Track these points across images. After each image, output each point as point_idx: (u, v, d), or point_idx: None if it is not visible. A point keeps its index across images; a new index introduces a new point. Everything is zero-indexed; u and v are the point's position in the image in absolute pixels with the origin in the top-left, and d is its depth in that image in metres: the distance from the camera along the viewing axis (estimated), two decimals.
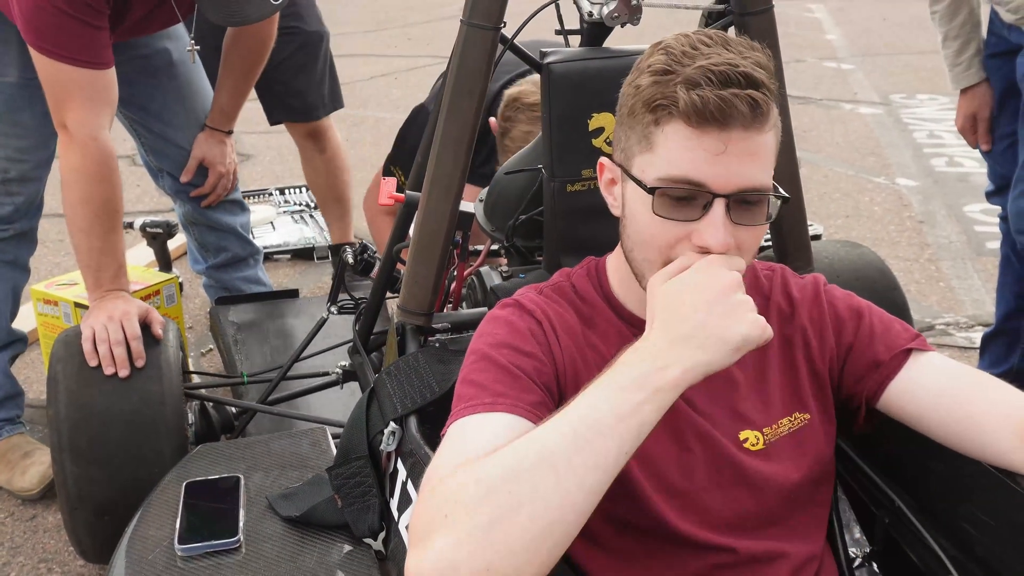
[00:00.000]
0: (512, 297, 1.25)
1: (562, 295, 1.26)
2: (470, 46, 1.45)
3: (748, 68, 1.08)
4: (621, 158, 1.19)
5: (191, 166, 2.72)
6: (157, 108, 2.63)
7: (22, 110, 2.31)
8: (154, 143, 2.71)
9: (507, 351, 1.16)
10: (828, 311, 1.30)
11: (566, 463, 0.95)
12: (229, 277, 3.05)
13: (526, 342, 1.18)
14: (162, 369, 2.01)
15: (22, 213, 2.40)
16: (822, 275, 1.36)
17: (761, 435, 1.23)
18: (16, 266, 2.46)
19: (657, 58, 1.12)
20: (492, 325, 1.22)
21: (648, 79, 1.12)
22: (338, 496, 1.48)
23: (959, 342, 3.20)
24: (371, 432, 1.47)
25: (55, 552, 2.26)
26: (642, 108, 1.12)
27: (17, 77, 2.28)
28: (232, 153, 2.79)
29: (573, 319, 1.23)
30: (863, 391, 1.27)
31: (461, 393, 1.14)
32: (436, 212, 1.52)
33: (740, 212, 1.11)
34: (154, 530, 1.50)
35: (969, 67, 2.52)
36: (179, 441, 1.96)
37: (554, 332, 1.20)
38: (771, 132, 1.12)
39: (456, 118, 1.48)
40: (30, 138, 2.35)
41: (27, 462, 2.44)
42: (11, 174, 2.34)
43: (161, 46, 2.57)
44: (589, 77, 1.53)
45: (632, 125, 1.14)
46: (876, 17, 8.82)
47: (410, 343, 1.58)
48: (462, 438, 1.08)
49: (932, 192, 4.64)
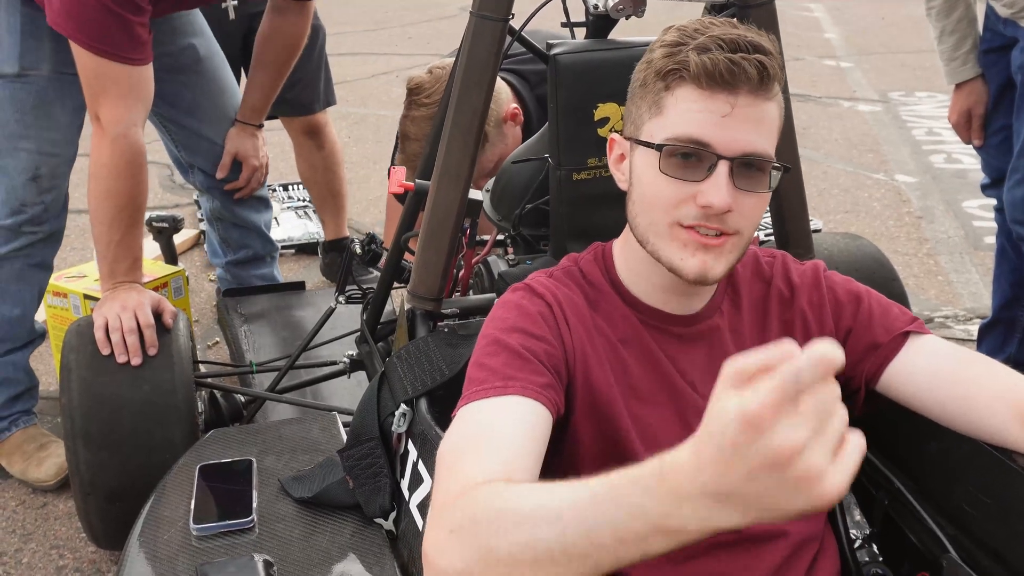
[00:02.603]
0: (523, 281, 1.29)
1: (571, 278, 1.30)
2: (479, 37, 1.48)
3: (756, 38, 1.14)
4: (631, 131, 1.23)
5: (226, 161, 2.74)
6: (187, 105, 2.66)
7: (53, 103, 2.33)
8: (186, 139, 2.74)
9: (518, 335, 1.19)
10: (828, 295, 1.33)
11: (563, 556, 0.85)
12: (246, 274, 3.09)
13: (536, 325, 1.21)
14: (173, 358, 2.04)
15: (52, 213, 2.41)
16: (822, 261, 1.39)
17: None
18: (43, 267, 2.49)
19: (669, 36, 1.18)
20: (503, 310, 1.25)
21: (660, 52, 1.17)
22: (349, 477, 1.51)
23: (957, 334, 3.23)
24: (382, 414, 1.51)
25: (67, 539, 2.29)
26: (654, 77, 1.17)
27: (49, 71, 2.30)
28: (264, 146, 2.82)
29: (581, 302, 1.26)
30: (862, 373, 1.30)
31: (473, 376, 1.17)
32: (446, 200, 1.56)
33: (743, 177, 1.15)
34: (169, 511, 1.53)
35: (965, 62, 2.55)
36: (190, 429, 1.99)
37: (563, 315, 1.23)
38: (775, 102, 1.17)
39: (465, 108, 1.51)
40: (60, 132, 2.36)
41: (43, 454, 2.47)
42: (42, 171, 2.35)
43: (187, 43, 2.60)
44: (594, 68, 1.56)
45: (643, 95, 1.19)
46: (874, 16, 8.85)
47: (420, 328, 1.62)
48: (475, 421, 1.10)
49: (930, 188, 4.67)
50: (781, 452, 0.70)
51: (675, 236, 1.18)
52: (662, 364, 1.26)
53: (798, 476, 0.70)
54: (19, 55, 2.27)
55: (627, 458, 0.98)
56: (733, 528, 0.78)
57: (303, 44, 2.72)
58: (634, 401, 1.23)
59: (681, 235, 1.17)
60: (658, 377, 1.25)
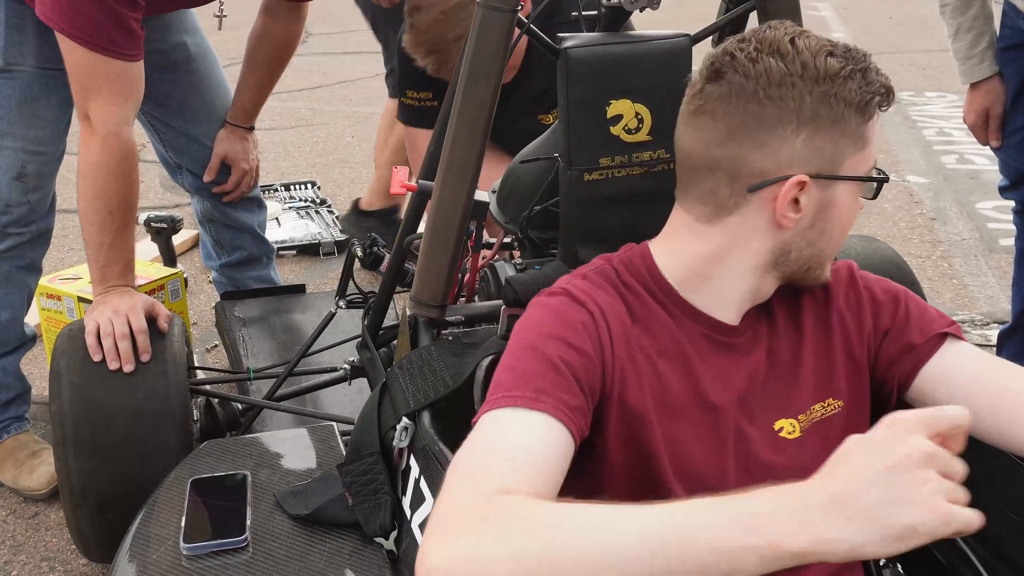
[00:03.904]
0: (559, 286, 1.19)
1: (607, 280, 1.20)
2: (487, 28, 1.40)
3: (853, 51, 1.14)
4: (826, 167, 1.13)
5: (214, 164, 2.66)
6: (176, 104, 2.58)
7: (38, 100, 2.26)
8: (174, 139, 2.66)
9: (556, 343, 1.10)
10: (865, 294, 1.27)
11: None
12: (242, 276, 3.00)
13: (578, 335, 1.11)
14: (167, 364, 1.97)
15: (39, 214, 2.35)
16: (854, 263, 1.33)
17: (796, 422, 1.20)
18: (32, 269, 2.42)
19: (826, 61, 1.10)
20: (541, 311, 1.15)
21: (844, 84, 1.10)
22: (348, 494, 1.44)
23: (975, 340, 3.15)
24: (383, 428, 1.43)
25: (57, 551, 2.22)
26: (853, 113, 1.11)
27: (34, 65, 2.23)
28: (255, 149, 2.73)
29: (623, 310, 1.17)
30: (895, 375, 1.24)
31: (501, 380, 1.07)
32: (451, 199, 1.48)
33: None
34: (158, 528, 1.46)
35: (982, 60, 2.48)
36: (184, 436, 1.93)
37: (607, 326, 1.14)
38: None
39: (472, 101, 1.43)
40: (46, 129, 2.29)
41: (35, 462, 2.41)
42: (27, 169, 2.29)
43: (178, 40, 2.52)
44: (608, 63, 1.48)
45: (843, 132, 1.12)
46: (881, 16, 8.79)
47: (423, 336, 1.54)
48: (499, 432, 1.02)
49: (943, 189, 4.60)
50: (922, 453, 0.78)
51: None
52: (699, 376, 1.18)
53: (920, 479, 0.77)
54: (3, 49, 2.21)
55: (656, 481, 0.95)
56: (850, 554, 0.78)
57: (296, 46, 2.64)
58: (667, 418, 1.15)
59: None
60: (693, 390, 1.17)
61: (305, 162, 5.08)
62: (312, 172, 4.86)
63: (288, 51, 2.63)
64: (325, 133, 5.57)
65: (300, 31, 2.60)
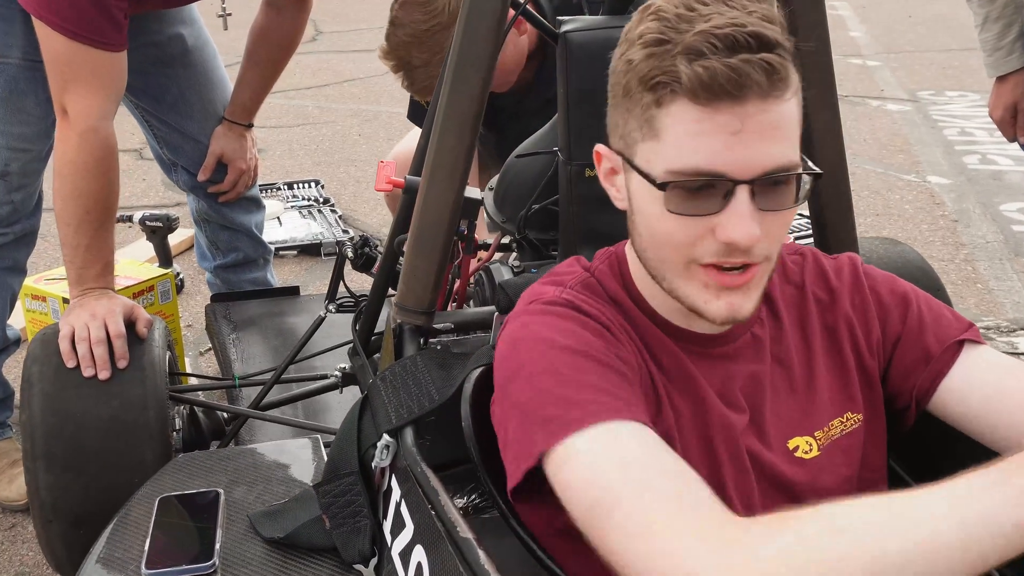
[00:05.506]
0: (547, 300, 1.06)
1: (593, 292, 1.09)
2: (476, 11, 1.28)
3: (757, 27, 0.91)
4: (621, 146, 1.02)
5: (209, 163, 2.53)
6: (172, 99, 2.46)
7: (25, 94, 2.15)
8: (169, 136, 2.53)
9: (600, 342, 0.99)
10: (871, 297, 1.15)
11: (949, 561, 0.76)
12: (237, 278, 2.87)
13: (608, 342, 1.01)
14: (145, 371, 1.86)
15: (23, 213, 2.25)
16: (856, 255, 1.21)
17: (813, 440, 1.09)
18: (15, 271, 2.33)
19: (648, 25, 0.96)
20: (551, 319, 1.02)
21: (641, 52, 0.96)
22: (326, 516, 1.32)
23: (1001, 347, 3.01)
24: (363, 445, 1.31)
25: (33, 565, 2.13)
26: (638, 87, 0.96)
27: (20, 58, 2.12)
28: (252, 148, 2.61)
29: (620, 321, 1.06)
30: (912, 388, 1.12)
31: (562, 395, 0.94)
32: (438, 198, 1.36)
33: (766, 197, 0.95)
34: (121, 551, 1.34)
35: (1011, 52, 2.37)
36: (163, 448, 1.81)
37: (615, 339, 1.03)
38: (793, 99, 0.96)
39: (461, 92, 1.30)
40: (33, 125, 2.19)
41: (15, 471, 2.31)
42: (12, 167, 2.18)
43: (175, 32, 2.40)
44: (611, 48, 1.36)
45: (629, 107, 0.98)
46: (901, 14, 8.64)
47: (408, 345, 1.42)
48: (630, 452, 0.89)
49: (965, 190, 4.46)
50: None
51: (693, 276, 0.99)
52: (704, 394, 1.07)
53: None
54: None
55: None
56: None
57: (299, 41, 2.53)
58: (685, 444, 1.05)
59: (700, 275, 0.98)
60: (697, 406, 1.06)
61: (310, 160, 4.98)
62: (317, 171, 4.77)
63: (291, 46, 2.52)
64: (331, 131, 5.48)
65: (303, 25, 2.49)
